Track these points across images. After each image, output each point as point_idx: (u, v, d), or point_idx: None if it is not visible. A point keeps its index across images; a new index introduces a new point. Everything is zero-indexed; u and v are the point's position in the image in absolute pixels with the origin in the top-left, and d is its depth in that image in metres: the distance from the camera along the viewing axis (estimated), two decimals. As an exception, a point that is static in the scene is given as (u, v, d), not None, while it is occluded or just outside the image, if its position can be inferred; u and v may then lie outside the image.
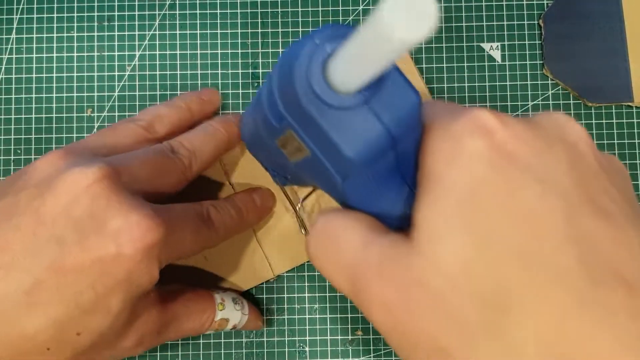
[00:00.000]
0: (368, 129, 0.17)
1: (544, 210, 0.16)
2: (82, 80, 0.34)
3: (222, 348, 0.33)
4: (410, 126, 0.18)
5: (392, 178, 0.19)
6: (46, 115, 0.34)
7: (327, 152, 0.18)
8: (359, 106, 0.17)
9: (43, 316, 0.22)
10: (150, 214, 0.23)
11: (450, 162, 0.17)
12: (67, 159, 0.24)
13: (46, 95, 0.34)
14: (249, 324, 0.31)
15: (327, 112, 0.17)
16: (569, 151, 0.18)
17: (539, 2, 0.35)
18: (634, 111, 0.34)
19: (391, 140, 0.18)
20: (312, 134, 0.18)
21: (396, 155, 0.18)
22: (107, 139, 0.28)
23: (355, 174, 0.19)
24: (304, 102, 0.17)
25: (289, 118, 0.18)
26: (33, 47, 0.35)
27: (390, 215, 0.20)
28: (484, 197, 0.16)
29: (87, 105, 0.34)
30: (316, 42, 0.17)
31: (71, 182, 0.23)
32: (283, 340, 0.33)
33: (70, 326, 0.23)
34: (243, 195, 0.31)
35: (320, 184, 0.22)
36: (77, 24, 0.35)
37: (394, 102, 0.17)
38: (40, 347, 0.23)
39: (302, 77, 0.17)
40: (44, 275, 0.22)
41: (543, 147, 0.17)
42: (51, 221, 0.23)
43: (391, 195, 0.20)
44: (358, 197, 0.20)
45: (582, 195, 0.17)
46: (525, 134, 0.18)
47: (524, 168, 0.17)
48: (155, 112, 0.30)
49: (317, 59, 0.17)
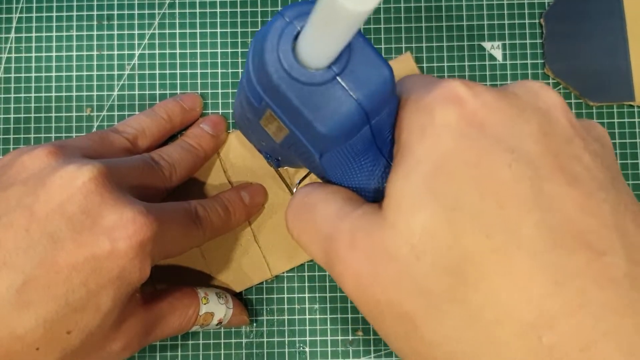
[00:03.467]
0: (340, 104, 0.17)
1: (511, 178, 0.16)
2: (82, 79, 0.34)
3: (222, 349, 0.33)
4: (384, 100, 0.18)
5: (368, 151, 0.19)
6: (45, 114, 0.34)
7: (303, 129, 0.18)
8: (329, 81, 0.17)
9: (33, 315, 0.22)
10: (144, 211, 0.24)
11: (421, 134, 0.17)
12: (58, 156, 0.24)
13: (45, 94, 0.34)
14: (234, 318, 0.31)
15: (298, 88, 0.17)
16: (541, 118, 0.18)
17: (540, 1, 0.35)
18: (635, 110, 0.34)
19: (364, 115, 0.18)
20: (287, 111, 0.18)
21: (371, 129, 0.18)
22: (95, 144, 0.28)
23: (331, 149, 0.19)
24: (275, 79, 0.17)
25: (266, 97, 0.18)
26: (32, 47, 0.35)
27: (368, 188, 0.20)
28: (453, 168, 0.17)
29: (87, 105, 0.34)
30: (286, 19, 0.17)
31: (66, 180, 0.23)
32: (283, 340, 0.33)
33: (61, 325, 0.23)
34: (230, 193, 0.31)
35: (303, 161, 0.22)
36: (76, 23, 0.35)
37: (366, 76, 0.17)
38: (30, 347, 0.23)
39: (272, 54, 0.17)
40: (36, 273, 0.22)
41: (514, 115, 0.17)
42: (44, 218, 0.22)
43: (368, 168, 0.20)
44: (336, 171, 0.20)
45: (551, 162, 0.17)
46: (496, 102, 0.18)
47: (493, 137, 0.17)
48: (139, 126, 0.31)
49: (286, 36, 0.17)
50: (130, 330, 0.26)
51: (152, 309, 0.27)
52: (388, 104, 0.19)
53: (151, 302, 0.27)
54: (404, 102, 0.19)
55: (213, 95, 0.34)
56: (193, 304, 0.29)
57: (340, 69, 0.17)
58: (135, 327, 0.26)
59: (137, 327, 0.26)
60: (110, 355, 0.26)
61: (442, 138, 0.17)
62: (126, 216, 0.23)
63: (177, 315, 0.28)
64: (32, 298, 0.22)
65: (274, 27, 0.17)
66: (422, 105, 0.18)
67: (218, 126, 0.32)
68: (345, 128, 0.18)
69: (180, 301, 0.29)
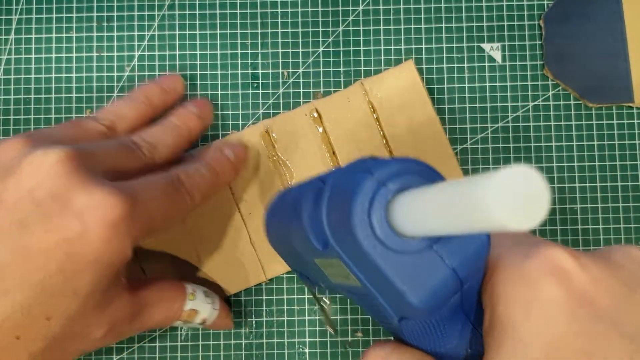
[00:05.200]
0: (434, 274, 0.16)
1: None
2: (81, 80, 0.34)
3: (222, 350, 0.33)
4: (479, 267, 0.17)
5: (455, 317, 0.18)
6: (45, 115, 0.34)
7: (385, 291, 0.17)
8: (424, 250, 0.16)
9: (10, 302, 0.22)
10: (114, 191, 0.23)
11: (526, 311, 0.16)
12: (28, 143, 0.24)
13: (45, 95, 0.34)
14: (218, 320, 0.30)
15: (389, 256, 0.16)
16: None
17: (539, 3, 0.35)
18: (634, 112, 0.34)
19: (459, 284, 0.16)
20: (367, 271, 0.17)
21: (461, 296, 0.17)
22: (68, 131, 0.28)
23: (417, 319, 0.17)
24: (365, 245, 0.16)
25: (339, 250, 0.17)
26: (32, 48, 0.34)
27: (452, 356, 0.19)
28: (566, 355, 0.15)
29: (87, 106, 0.34)
30: (377, 178, 0.16)
31: (34, 165, 0.23)
32: (283, 341, 0.33)
33: (39, 311, 0.23)
34: (213, 152, 0.31)
35: (369, 311, 0.20)
36: (76, 24, 0.35)
37: (461, 242, 0.16)
38: (9, 335, 0.22)
39: (362, 218, 0.16)
40: (8, 259, 0.22)
41: (627, 294, 0.16)
42: (13, 205, 0.22)
43: (453, 334, 0.18)
44: (416, 336, 0.18)
45: None
46: (607, 279, 0.16)
47: (608, 320, 0.15)
48: (118, 112, 0.30)
49: (379, 201, 0.16)
50: (115, 314, 0.25)
51: (138, 295, 0.27)
52: (481, 270, 0.17)
53: (138, 288, 0.27)
54: (496, 267, 0.17)
55: (213, 96, 0.34)
56: (179, 297, 0.29)
57: (438, 237, 0.16)
58: (121, 311, 0.26)
59: (122, 312, 0.26)
60: (93, 342, 0.26)
61: (551, 319, 0.16)
62: (96, 197, 0.23)
63: (162, 306, 0.28)
64: (7, 285, 0.22)
65: (364, 188, 0.16)
66: (524, 276, 0.16)
67: (204, 108, 0.32)
68: (439, 300, 0.16)
69: (168, 292, 0.28)
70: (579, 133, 0.34)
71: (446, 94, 0.34)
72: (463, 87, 0.34)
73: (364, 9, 0.35)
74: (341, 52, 0.34)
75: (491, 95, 0.34)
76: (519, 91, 0.34)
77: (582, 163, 0.34)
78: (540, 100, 0.34)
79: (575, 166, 0.34)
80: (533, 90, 0.34)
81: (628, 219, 0.34)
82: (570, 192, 0.34)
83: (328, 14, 0.35)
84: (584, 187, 0.34)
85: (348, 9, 0.35)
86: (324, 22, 0.35)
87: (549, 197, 0.11)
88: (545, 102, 0.34)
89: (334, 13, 0.35)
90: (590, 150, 0.34)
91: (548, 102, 0.34)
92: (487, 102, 0.34)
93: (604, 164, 0.34)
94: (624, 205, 0.34)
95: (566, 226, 0.34)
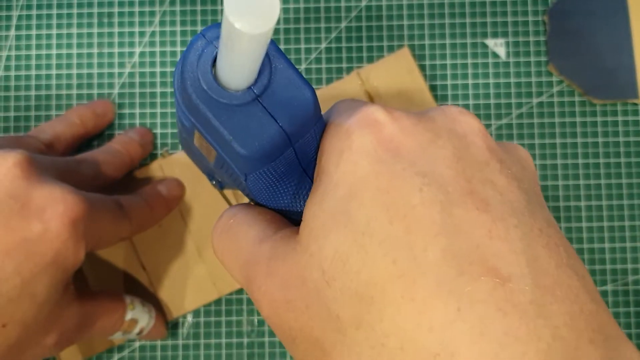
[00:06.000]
0: (260, 126, 0.17)
1: (420, 203, 0.16)
2: (82, 77, 0.34)
3: (223, 348, 0.32)
4: (307, 122, 0.18)
5: (293, 173, 0.19)
6: (46, 112, 0.34)
7: (227, 150, 0.18)
8: (250, 103, 0.17)
9: None
10: (73, 190, 0.24)
11: (339, 158, 0.17)
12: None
13: (45, 92, 0.34)
14: (154, 330, 0.31)
15: (218, 109, 0.17)
16: (457, 142, 0.18)
17: (543, -2, 0.35)
18: (639, 108, 0.34)
19: (286, 137, 0.18)
20: (210, 132, 0.18)
21: (295, 151, 0.18)
22: (12, 144, 0.28)
23: (254, 171, 0.18)
24: (194, 98, 0.17)
25: (191, 117, 0.18)
26: (32, 44, 0.34)
27: (294, 210, 0.20)
28: (366, 193, 0.17)
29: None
30: (206, 39, 0.17)
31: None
32: (284, 340, 0.32)
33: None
34: (149, 187, 0.32)
35: (234, 183, 0.22)
36: (76, 21, 0.34)
37: (287, 98, 0.17)
38: None
39: (191, 74, 0.17)
40: None
41: (429, 140, 0.17)
42: None
43: (293, 190, 0.20)
44: (262, 193, 0.20)
45: (463, 187, 0.17)
46: (413, 127, 0.17)
47: (407, 162, 0.17)
48: (53, 131, 0.31)
49: (206, 56, 0.17)
50: (65, 322, 0.25)
51: (84, 305, 0.27)
52: (312, 126, 0.18)
53: (84, 298, 0.27)
54: (328, 126, 0.19)
55: (214, 93, 0.34)
56: (120, 307, 0.29)
57: (261, 91, 0.17)
58: (71, 319, 0.26)
59: (72, 320, 0.26)
60: (43, 351, 0.25)
61: (358, 163, 0.17)
62: (55, 195, 0.23)
63: (106, 316, 0.28)
64: None
65: (194, 47, 0.17)
66: (342, 129, 0.18)
67: (145, 136, 0.33)
68: (266, 150, 0.17)
69: (110, 302, 0.29)
70: (584, 130, 0.34)
71: (449, 91, 0.34)
72: (466, 84, 0.34)
73: (366, 5, 0.34)
74: (343, 48, 0.34)
75: (495, 91, 0.34)
76: (522, 88, 0.34)
77: (587, 160, 0.34)
78: (545, 97, 0.34)
79: (579, 163, 0.34)
80: (537, 87, 0.34)
81: (633, 217, 0.33)
82: (574, 189, 0.33)
83: (330, 10, 0.34)
84: (588, 185, 0.33)
85: (350, 5, 0.34)
86: (326, 19, 0.34)
87: (277, 3, 0.13)
88: (550, 98, 0.34)
89: (336, 9, 0.34)
90: (594, 147, 0.34)
91: (552, 98, 0.34)
92: (490, 98, 0.34)
93: (609, 161, 0.34)
94: (628, 202, 0.33)
95: (570, 224, 0.33)
